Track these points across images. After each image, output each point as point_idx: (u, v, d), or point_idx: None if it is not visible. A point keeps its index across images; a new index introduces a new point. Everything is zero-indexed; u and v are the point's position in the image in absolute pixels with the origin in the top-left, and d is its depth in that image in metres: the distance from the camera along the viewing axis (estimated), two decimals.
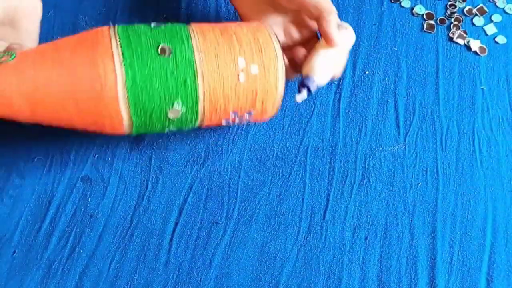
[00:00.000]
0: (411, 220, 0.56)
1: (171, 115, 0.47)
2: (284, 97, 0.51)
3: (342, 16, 0.66)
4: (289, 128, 0.60)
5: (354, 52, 0.65)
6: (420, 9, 0.68)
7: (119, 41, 0.45)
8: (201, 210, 0.55)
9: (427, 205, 0.57)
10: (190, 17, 0.65)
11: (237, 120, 0.50)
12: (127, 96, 0.44)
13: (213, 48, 0.47)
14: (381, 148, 0.60)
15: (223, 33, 0.48)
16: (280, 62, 0.48)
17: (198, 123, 0.49)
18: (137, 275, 0.52)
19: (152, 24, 0.48)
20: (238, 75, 0.47)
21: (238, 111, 0.49)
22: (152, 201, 0.55)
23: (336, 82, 0.63)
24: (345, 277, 0.53)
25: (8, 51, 0.44)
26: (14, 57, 0.44)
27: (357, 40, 0.65)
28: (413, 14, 0.67)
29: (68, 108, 0.45)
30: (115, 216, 0.54)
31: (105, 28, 0.47)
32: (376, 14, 0.67)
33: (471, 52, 0.66)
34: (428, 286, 0.53)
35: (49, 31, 0.62)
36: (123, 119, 0.46)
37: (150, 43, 0.45)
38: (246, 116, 0.50)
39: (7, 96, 0.44)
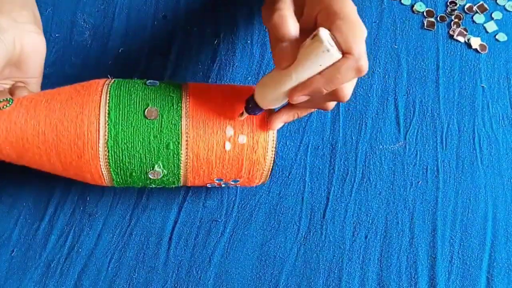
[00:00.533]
0: (411, 219, 0.56)
1: (151, 176, 0.47)
2: None
3: None
4: (289, 127, 0.59)
5: None
6: (420, 7, 0.67)
7: (109, 99, 0.45)
8: (200, 209, 0.55)
9: (427, 203, 0.57)
10: (188, 17, 0.64)
11: (223, 185, 0.51)
12: (108, 155, 0.45)
13: (202, 114, 0.46)
14: (381, 147, 0.59)
15: (217, 98, 0.47)
16: (271, 134, 0.47)
17: (181, 184, 0.49)
18: (136, 274, 0.52)
19: (148, 82, 0.48)
20: (224, 143, 0.46)
21: (223, 178, 0.49)
22: (151, 199, 0.55)
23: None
24: (345, 276, 0.53)
25: (7, 97, 0.46)
26: (12, 103, 0.45)
27: None
28: (413, 12, 0.67)
29: (52, 160, 0.46)
30: (114, 215, 0.54)
31: (101, 82, 0.47)
32: (376, 11, 0.67)
33: (472, 50, 0.65)
34: (429, 285, 0.53)
35: (47, 29, 0.62)
36: (103, 175, 0.46)
37: (139, 104, 0.45)
38: (232, 182, 0.50)
39: None
